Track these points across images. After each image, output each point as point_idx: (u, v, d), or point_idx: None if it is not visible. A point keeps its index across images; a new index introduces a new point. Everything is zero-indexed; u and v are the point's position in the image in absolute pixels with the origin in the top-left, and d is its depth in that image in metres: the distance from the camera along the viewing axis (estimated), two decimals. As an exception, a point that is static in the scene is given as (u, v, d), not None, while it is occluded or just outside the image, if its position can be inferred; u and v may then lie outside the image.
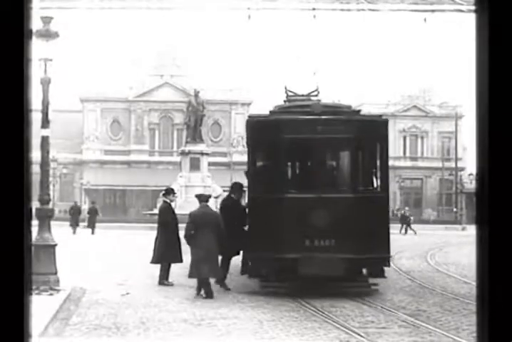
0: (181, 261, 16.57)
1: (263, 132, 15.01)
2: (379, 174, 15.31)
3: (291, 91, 17.55)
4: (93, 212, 45.43)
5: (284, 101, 17.19)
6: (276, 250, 14.27)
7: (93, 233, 42.99)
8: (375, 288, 14.85)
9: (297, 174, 16.21)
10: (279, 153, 14.98)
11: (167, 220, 16.83)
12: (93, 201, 53.70)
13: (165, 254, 16.45)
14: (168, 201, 17.46)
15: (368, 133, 14.87)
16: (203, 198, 14.95)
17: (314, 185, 14.83)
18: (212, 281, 14.78)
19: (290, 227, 14.37)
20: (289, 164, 15.90)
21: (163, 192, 18.39)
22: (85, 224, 45.70)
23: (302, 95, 17.46)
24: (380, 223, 14.77)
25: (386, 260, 14.80)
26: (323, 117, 14.81)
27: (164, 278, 16.54)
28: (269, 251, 14.29)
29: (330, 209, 14.32)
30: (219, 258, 15.04)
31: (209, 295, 14.15)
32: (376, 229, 14.57)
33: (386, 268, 15.09)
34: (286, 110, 15.80)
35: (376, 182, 15.32)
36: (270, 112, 15.73)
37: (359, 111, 15.80)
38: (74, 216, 45.01)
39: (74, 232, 43.01)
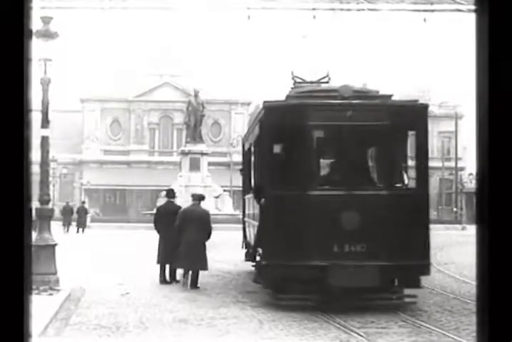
0: None
1: (283, 119, 12.98)
2: (416, 168, 13.18)
3: (298, 77, 15.36)
4: (81, 212, 46.38)
5: (292, 88, 14.97)
6: (299, 256, 12.29)
7: (81, 232, 44.04)
8: (411, 300, 12.92)
9: (323, 168, 14.06)
10: (302, 143, 12.91)
11: (170, 221, 16.68)
12: (83, 201, 54.57)
13: (168, 255, 16.55)
14: (172, 201, 17.54)
15: (405, 120, 13.01)
16: (196, 197, 16.39)
17: (344, 180, 12.78)
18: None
19: (316, 230, 12.38)
20: (314, 155, 13.49)
21: (165, 192, 18.36)
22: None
23: (311, 82, 15.40)
24: (419, 225, 12.74)
25: (425, 268, 12.60)
26: (354, 101, 12.88)
27: (163, 277, 16.76)
28: (290, 258, 12.34)
29: (362, 208, 12.44)
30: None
31: (192, 285, 15.55)
32: (415, 231, 12.60)
33: None
34: (306, 94, 13.76)
35: (408, 177, 13.46)
36: (287, 96, 13.83)
37: (391, 95, 13.69)
38: (66, 216, 46.08)
39: (67, 231, 43.88)
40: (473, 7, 13.39)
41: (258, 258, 15.34)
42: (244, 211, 19.28)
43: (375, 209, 12.52)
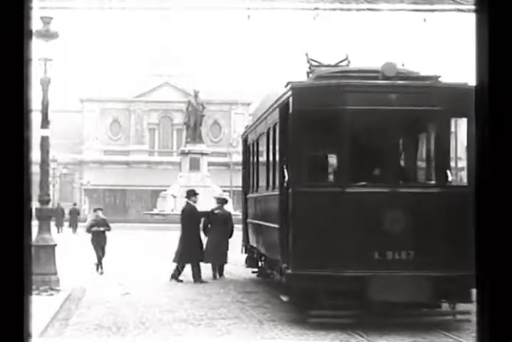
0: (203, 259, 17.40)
1: (315, 103, 11.00)
2: (468, 163, 11.48)
3: (314, 60, 13.15)
4: (73, 213, 48.41)
5: (307, 72, 12.84)
6: (333, 265, 10.45)
7: (74, 232, 45.00)
8: (464, 317, 10.91)
9: (362, 160, 11.44)
10: (338, 131, 10.92)
11: (191, 222, 17.33)
12: (75, 203, 55.59)
13: (189, 254, 16.99)
14: (191, 202, 17.79)
15: (458, 106, 10.98)
16: (220, 200, 18.65)
17: (387, 175, 10.97)
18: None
19: (353, 233, 10.55)
20: (352, 146, 11.10)
21: (185, 194, 18.56)
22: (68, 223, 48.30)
23: (329, 65, 13.21)
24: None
25: None
26: (399, 82, 11.06)
27: (176, 276, 17.23)
28: (322, 267, 10.51)
29: (409, 208, 10.60)
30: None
31: (214, 277, 17.58)
32: (470, 236, 10.08)
33: None
34: (339, 74, 11.85)
35: (451, 172, 11.25)
36: (317, 77, 11.83)
37: (439, 76, 11.60)
38: (58, 217, 47.14)
39: (58, 231, 44.69)
40: (473, 7, 13.39)
41: (267, 264, 14.46)
42: (246, 212, 17.87)
43: (424, 210, 10.66)
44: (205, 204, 54.49)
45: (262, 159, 14.70)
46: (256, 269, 17.50)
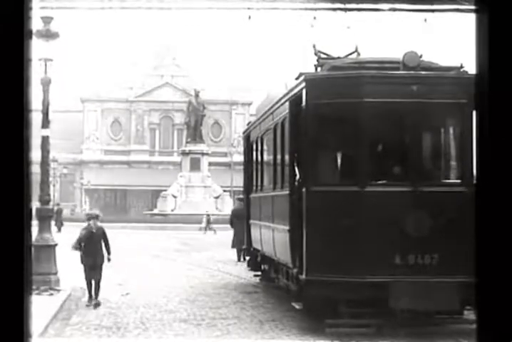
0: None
1: (330, 96, 10.32)
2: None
3: (322, 52, 12.06)
4: (58, 212, 49.40)
5: (315, 65, 11.68)
6: (351, 270, 9.80)
7: (59, 231, 46.08)
8: None
9: (382, 157, 10.68)
10: (357, 125, 10.21)
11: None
12: (58, 203, 56.10)
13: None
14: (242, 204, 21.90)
15: None
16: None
17: (409, 173, 10.21)
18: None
19: (373, 236, 9.88)
20: (371, 141, 10.44)
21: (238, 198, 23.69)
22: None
23: (338, 58, 12.19)
24: None
25: None
26: (422, 72, 10.34)
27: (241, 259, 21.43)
28: (339, 272, 9.86)
29: (433, 209, 9.93)
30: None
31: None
32: None
33: None
34: (356, 65, 11.22)
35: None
36: (332, 67, 11.09)
37: (461, 67, 10.83)
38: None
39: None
40: (473, 7, 13.38)
41: (269, 268, 14.19)
42: (249, 213, 16.70)
43: (449, 210, 9.97)
44: (206, 204, 54.39)
45: (268, 156, 14.03)
46: (259, 273, 16.62)
